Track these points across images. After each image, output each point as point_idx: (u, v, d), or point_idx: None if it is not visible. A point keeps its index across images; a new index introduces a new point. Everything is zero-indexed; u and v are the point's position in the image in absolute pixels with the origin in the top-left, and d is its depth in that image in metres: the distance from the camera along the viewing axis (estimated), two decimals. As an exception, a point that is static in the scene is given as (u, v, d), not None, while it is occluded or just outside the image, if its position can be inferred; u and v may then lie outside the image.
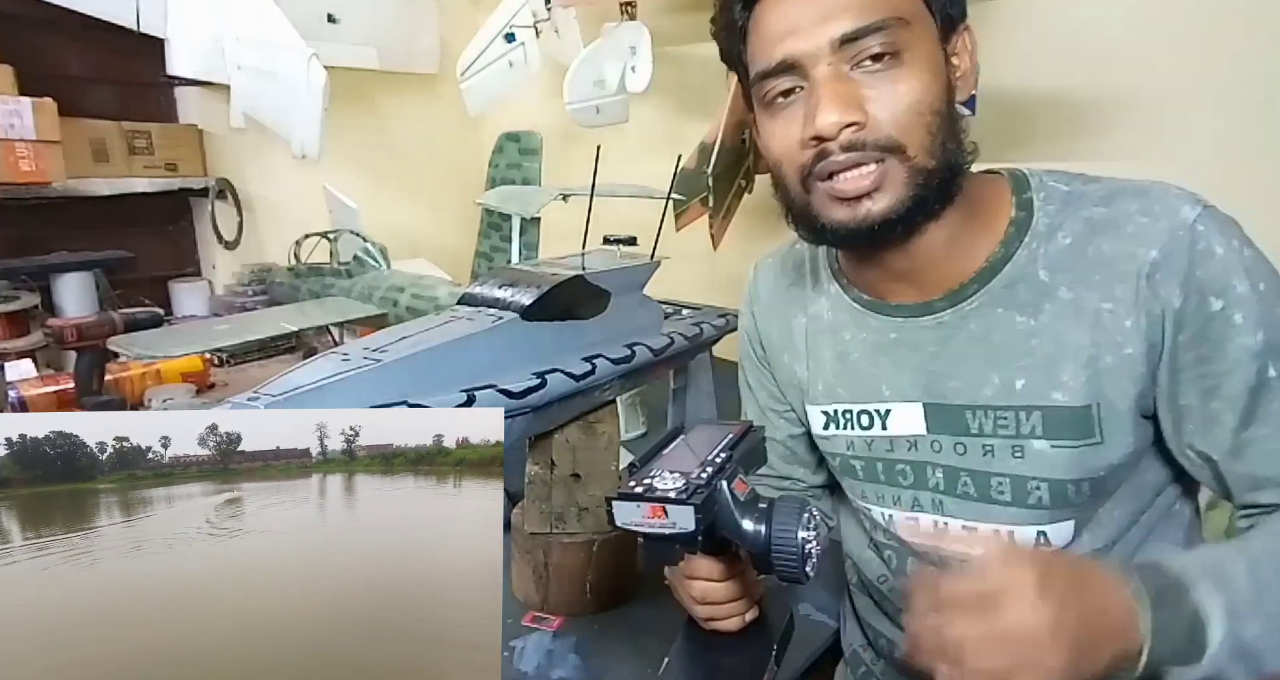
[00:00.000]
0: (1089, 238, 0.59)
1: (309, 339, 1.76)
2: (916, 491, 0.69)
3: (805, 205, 0.62)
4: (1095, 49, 1.31)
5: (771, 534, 0.52)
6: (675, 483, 0.52)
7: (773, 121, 0.61)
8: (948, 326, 0.64)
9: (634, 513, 0.52)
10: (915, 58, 0.56)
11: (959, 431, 0.65)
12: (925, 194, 0.58)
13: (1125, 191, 0.60)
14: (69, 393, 1.36)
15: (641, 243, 1.07)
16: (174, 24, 1.62)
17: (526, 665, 0.82)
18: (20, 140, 1.54)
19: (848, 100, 0.56)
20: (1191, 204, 0.57)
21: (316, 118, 1.45)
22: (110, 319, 1.38)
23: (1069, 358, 0.59)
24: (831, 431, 0.74)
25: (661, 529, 0.51)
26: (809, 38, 0.56)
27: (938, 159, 0.58)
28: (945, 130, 0.58)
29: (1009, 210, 0.63)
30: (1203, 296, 0.55)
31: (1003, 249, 0.62)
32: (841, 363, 0.72)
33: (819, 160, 0.58)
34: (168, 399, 1.41)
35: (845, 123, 0.55)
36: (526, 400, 0.77)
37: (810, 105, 0.57)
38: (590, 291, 0.90)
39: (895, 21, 0.55)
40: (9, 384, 1.34)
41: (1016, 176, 0.65)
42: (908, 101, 0.56)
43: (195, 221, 2.12)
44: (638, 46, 1.68)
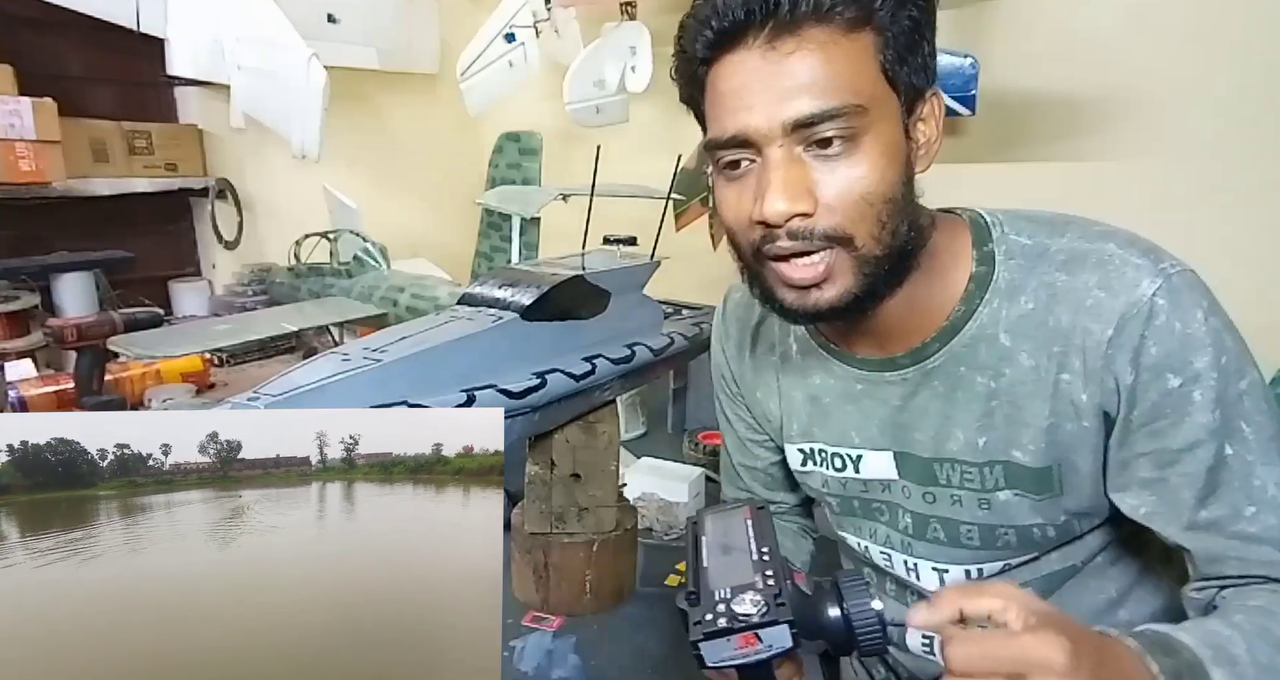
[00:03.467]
0: (1050, 306, 0.58)
1: (309, 339, 1.76)
2: (889, 530, 0.70)
3: (757, 276, 0.60)
4: (1095, 49, 1.31)
5: (850, 617, 0.50)
6: (755, 603, 0.48)
7: (725, 188, 0.59)
8: (911, 382, 0.64)
9: (725, 648, 0.48)
10: (871, 143, 0.54)
11: (927, 481, 0.66)
12: (874, 282, 0.57)
13: (1087, 259, 0.57)
14: (69, 393, 1.36)
15: (641, 243, 1.07)
16: (174, 24, 1.62)
17: (526, 665, 0.82)
18: (20, 140, 1.54)
19: (796, 188, 0.53)
20: (1152, 277, 0.55)
21: (316, 118, 1.46)
22: (110, 319, 1.38)
23: (1028, 424, 0.59)
24: (809, 468, 0.75)
25: (758, 655, 0.48)
26: (764, 115, 0.53)
27: (887, 247, 0.56)
28: (897, 216, 0.56)
29: (969, 264, 0.61)
30: (1157, 373, 0.54)
31: (963, 306, 0.61)
32: (814, 405, 0.72)
33: (765, 241, 0.56)
34: (168, 399, 1.41)
35: (792, 213, 0.53)
36: (526, 400, 0.77)
37: (760, 184, 0.55)
38: (590, 291, 0.90)
39: (853, 108, 0.52)
40: (9, 384, 1.34)
41: (977, 224, 0.63)
42: (859, 190, 0.54)
43: (195, 221, 2.12)
44: (638, 46, 1.68)
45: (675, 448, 1.41)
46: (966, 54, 1.20)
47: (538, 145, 1.55)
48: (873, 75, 0.54)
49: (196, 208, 2.10)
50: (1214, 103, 1.22)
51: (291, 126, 1.51)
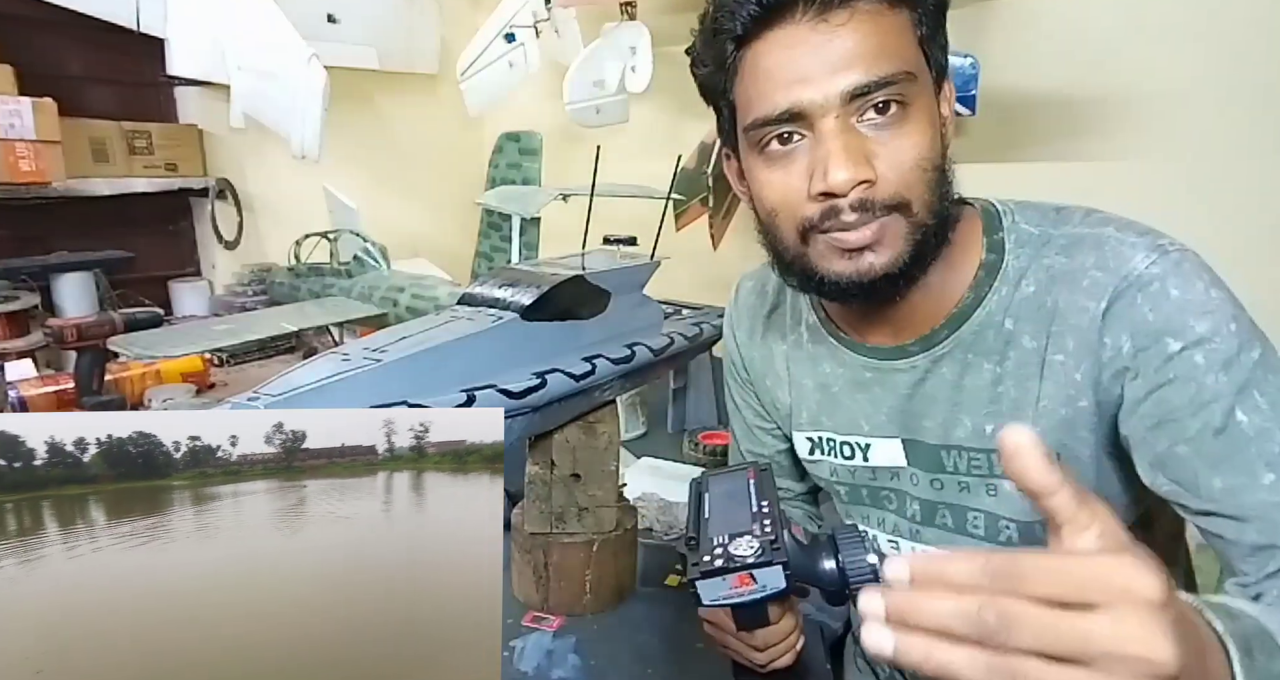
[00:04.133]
0: (1049, 288, 0.58)
1: (309, 339, 1.76)
2: (897, 518, 0.70)
3: (801, 256, 0.60)
4: (1095, 49, 1.31)
5: (844, 567, 0.52)
6: (750, 546, 0.51)
7: (769, 169, 0.59)
8: (920, 370, 0.65)
9: (721, 587, 0.51)
10: (919, 111, 0.55)
11: (935, 468, 0.66)
12: (923, 249, 0.57)
13: (1085, 241, 0.58)
14: (69, 393, 1.36)
15: (641, 243, 1.07)
16: (174, 24, 1.62)
17: (526, 665, 0.82)
18: (20, 140, 1.54)
19: (859, 157, 0.54)
20: (1147, 251, 0.55)
21: (316, 118, 1.45)
22: (110, 319, 1.38)
23: (1030, 406, 0.59)
24: (817, 457, 0.75)
25: (753, 595, 0.50)
26: (818, 88, 0.53)
27: (936, 215, 0.57)
28: (944, 184, 0.57)
29: (979, 251, 0.62)
30: (1156, 338, 0.53)
31: (972, 293, 0.62)
32: (823, 393, 0.72)
33: (826, 217, 0.56)
34: (168, 399, 1.41)
35: (858, 180, 0.54)
36: (526, 400, 0.77)
37: (817, 158, 0.55)
38: (590, 291, 0.90)
39: (905, 75, 0.53)
40: (9, 384, 1.34)
41: (988, 212, 0.64)
42: (914, 157, 0.55)
43: (195, 221, 2.12)
44: (638, 46, 1.68)
45: (675, 448, 1.41)
46: (966, 54, 1.20)
47: (538, 145, 1.55)
48: (914, 47, 0.56)
49: (196, 208, 2.10)
50: (1214, 103, 1.22)
51: (291, 126, 1.50)
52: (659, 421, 1.54)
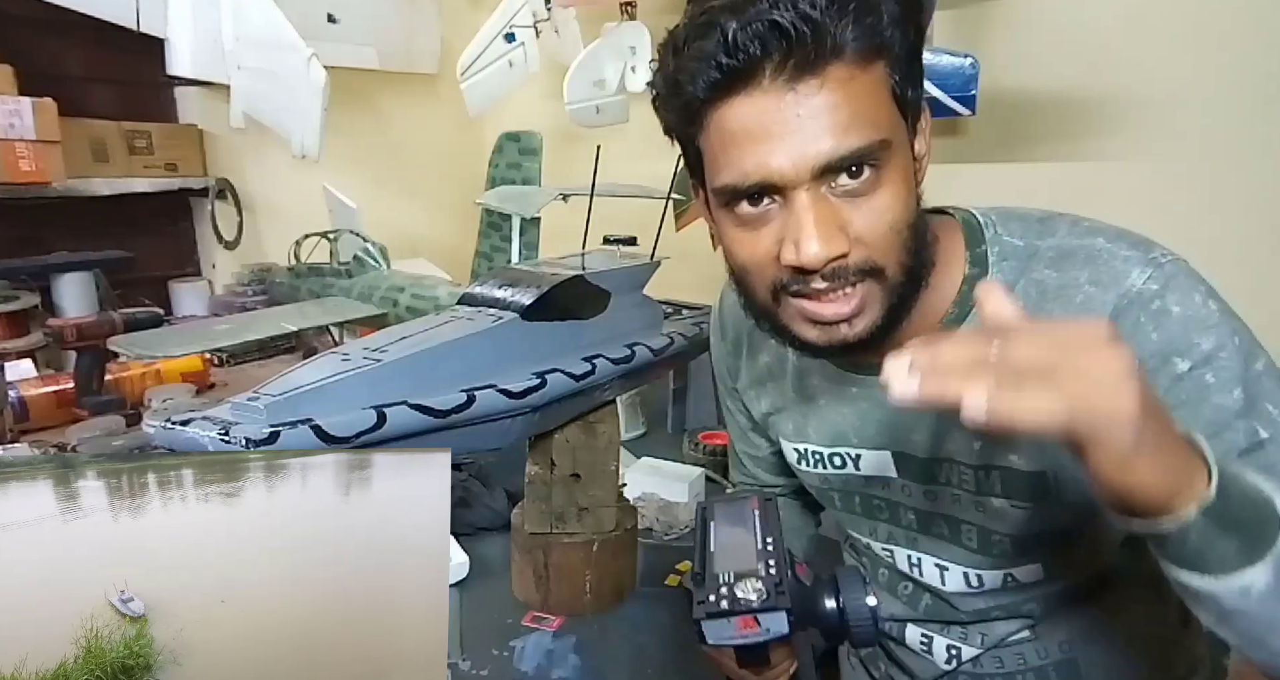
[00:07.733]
0: (1040, 304, 0.57)
1: (309, 339, 1.76)
2: (891, 527, 0.70)
3: (772, 313, 0.59)
4: (1095, 49, 1.31)
5: (845, 609, 0.53)
6: (755, 588, 0.51)
7: (738, 230, 0.56)
8: None
9: (726, 628, 0.50)
10: (893, 172, 0.53)
11: (927, 480, 0.65)
12: (899, 307, 0.56)
13: (1076, 254, 0.56)
14: (69, 393, 1.36)
15: (641, 243, 1.07)
16: (174, 24, 1.62)
17: (527, 665, 0.82)
18: (20, 140, 1.54)
19: (831, 231, 0.52)
20: (1142, 266, 0.54)
21: (316, 118, 1.45)
22: (110, 319, 1.38)
23: None
24: (805, 468, 0.74)
25: (756, 638, 0.50)
26: (789, 160, 0.51)
27: (911, 271, 0.56)
28: (917, 239, 0.55)
29: (962, 266, 0.60)
30: (1164, 359, 0.52)
31: (956, 309, 0.60)
32: (809, 405, 0.72)
33: (797, 281, 0.54)
34: (168, 399, 1.41)
35: (831, 257, 0.52)
36: (526, 400, 0.77)
37: (789, 227, 0.53)
38: (590, 291, 0.90)
39: (879, 144, 0.51)
40: (9, 384, 1.34)
41: (970, 225, 0.62)
42: (887, 222, 0.53)
43: (195, 221, 2.12)
44: (638, 46, 1.68)
45: (675, 448, 1.41)
46: (966, 54, 1.20)
47: (538, 145, 1.55)
48: (888, 105, 0.53)
49: (196, 208, 2.10)
50: (1214, 103, 1.22)
51: (291, 126, 1.50)
52: (659, 421, 1.54)
